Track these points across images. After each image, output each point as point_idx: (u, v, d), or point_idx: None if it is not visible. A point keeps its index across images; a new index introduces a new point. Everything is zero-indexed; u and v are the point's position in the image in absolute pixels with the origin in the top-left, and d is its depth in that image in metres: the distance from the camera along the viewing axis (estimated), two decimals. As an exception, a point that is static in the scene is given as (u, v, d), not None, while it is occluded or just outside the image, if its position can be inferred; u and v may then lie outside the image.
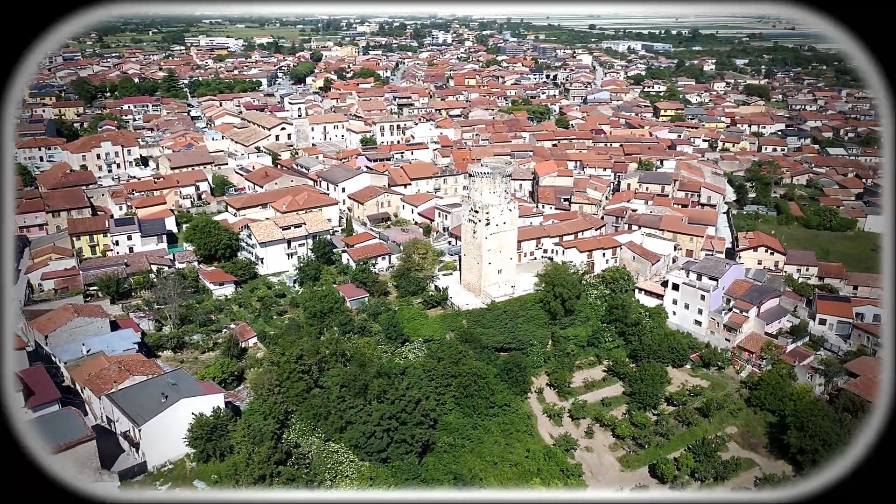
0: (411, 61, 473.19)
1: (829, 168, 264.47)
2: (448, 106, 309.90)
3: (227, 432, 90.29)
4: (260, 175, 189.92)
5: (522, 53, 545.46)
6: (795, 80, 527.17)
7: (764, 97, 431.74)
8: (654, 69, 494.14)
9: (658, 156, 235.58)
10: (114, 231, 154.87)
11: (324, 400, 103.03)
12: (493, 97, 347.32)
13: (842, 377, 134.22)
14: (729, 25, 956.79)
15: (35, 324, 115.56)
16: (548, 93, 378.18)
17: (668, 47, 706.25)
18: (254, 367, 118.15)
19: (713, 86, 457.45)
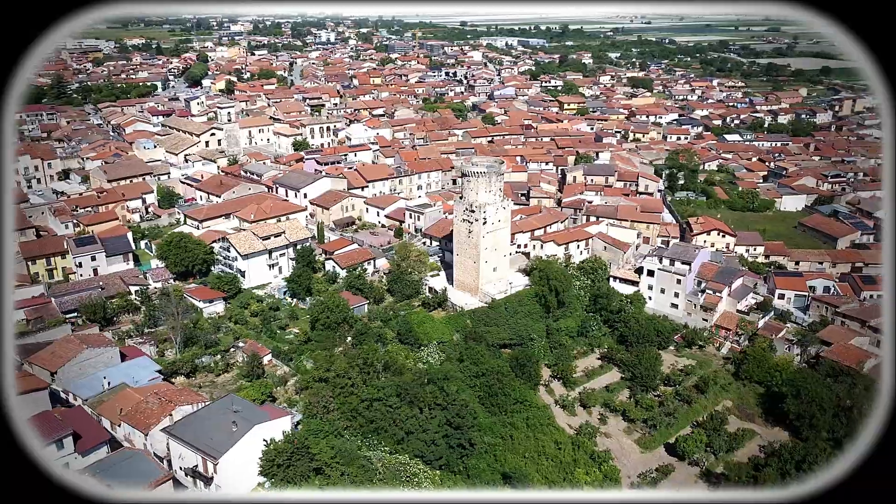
0: (303, 61, 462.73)
1: (733, 154, 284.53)
2: (365, 105, 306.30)
3: (313, 455, 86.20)
4: (214, 184, 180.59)
5: (413, 51, 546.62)
6: (668, 71, 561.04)
7: (647, 88, 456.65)
8: (543, 64, 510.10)
9: (587, 148, 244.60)
10: (75, 252, 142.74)
11: (382, 412, 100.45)
12: (404, 96, 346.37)
13: (815, 346, 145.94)
14: (591, 21, 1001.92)
15: (36, 359, 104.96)
16: (455, 90, 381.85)
17: (543, 42, 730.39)
18: (280, 386, 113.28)
19: (599, 79, 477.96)
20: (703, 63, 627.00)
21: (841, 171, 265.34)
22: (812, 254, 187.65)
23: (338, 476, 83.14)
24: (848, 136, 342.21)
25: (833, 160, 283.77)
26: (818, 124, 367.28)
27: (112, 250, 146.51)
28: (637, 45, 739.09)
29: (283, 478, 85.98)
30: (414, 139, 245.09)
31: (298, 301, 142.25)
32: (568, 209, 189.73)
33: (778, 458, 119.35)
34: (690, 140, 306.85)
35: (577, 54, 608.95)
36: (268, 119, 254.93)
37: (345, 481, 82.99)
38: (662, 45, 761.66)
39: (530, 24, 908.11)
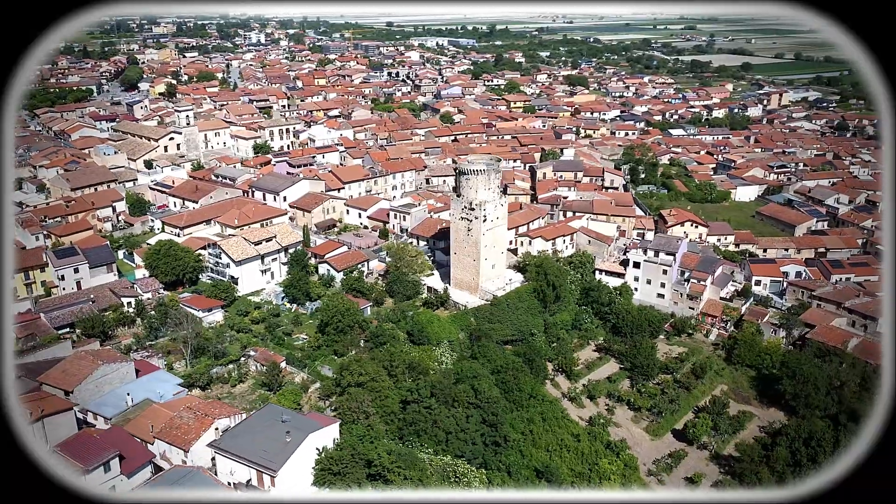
0: (239, 62, 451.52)
1: (681, 148, 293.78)
2: (317, 107, 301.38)
3: (370, 461, 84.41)
4: (188, 189, 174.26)
5: (349, 52, 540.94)
6: (599, 69, 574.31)
7: (584, 86, 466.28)
8: (480, 64, 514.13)
9: (551, 145, 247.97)
10: (57, 265, 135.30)
11: (422, 414, 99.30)
12: (351, 96, 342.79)
13: (799, 328, 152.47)
14: (515, 21, 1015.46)
15: (48, 379, 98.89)
16: (402, 90, 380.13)
17: (473, 42, 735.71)
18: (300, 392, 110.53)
19: (536, 77, 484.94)
20: (629, 61, 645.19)
21: (785, 162, 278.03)
22: (777, 241, 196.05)
23: (401, 480, 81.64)
24: (780, 128, 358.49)
25: (775, 152, 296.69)
26: (751, 118, 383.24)
27: (95, 261, 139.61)
28: (564, 44, 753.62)
29: (340, 486, 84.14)
30: (377, 139, 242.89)
31: (298, 306, 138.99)
32: (544, 205, 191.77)
33: (786, 436, 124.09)
34: (638, 136, 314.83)
35: (510, 53, 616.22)
36: (223, 122, 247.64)
37: (408, 485, 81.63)
38: (588, 43, 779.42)
39: (457, 25, 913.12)
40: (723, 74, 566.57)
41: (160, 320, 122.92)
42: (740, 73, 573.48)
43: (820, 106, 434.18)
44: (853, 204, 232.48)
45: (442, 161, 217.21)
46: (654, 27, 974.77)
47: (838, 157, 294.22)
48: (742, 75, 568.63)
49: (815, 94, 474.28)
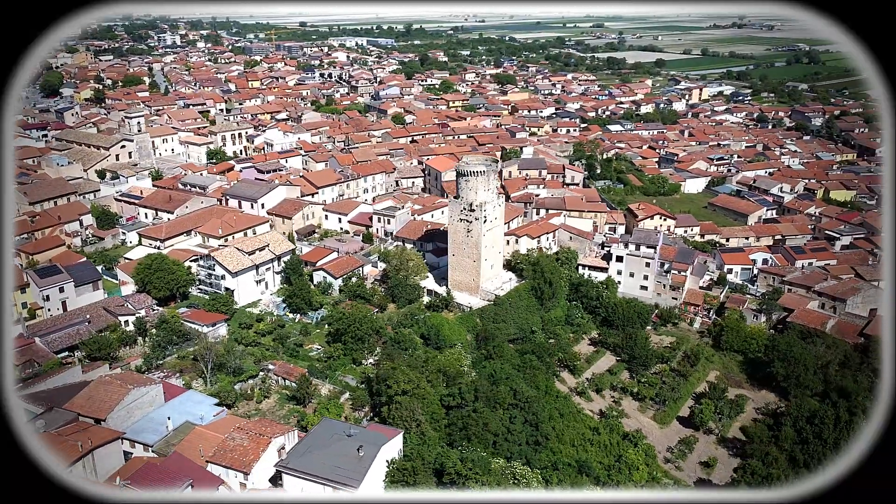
0: (161, 65, 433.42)
1: (624, 143, 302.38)
2: (262, 110, 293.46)
3: (443, 468, 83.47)
4: (161, 199, 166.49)
5: (273, 53, 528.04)
6: (521, 67, 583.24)
7: (513, 84, 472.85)
8: (408, 63, 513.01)
9: (505, 144, 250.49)
10: (41, 284, 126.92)
11: (472, 418, 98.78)
12: (291, 98, 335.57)
13: (778, 312, 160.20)
14: (428, 20, 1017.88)
15: (73, 408, 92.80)
16: (340, 91, 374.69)
17: (391, 42, 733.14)
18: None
19: (465, 76, 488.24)
20: (548, 59, 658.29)
21: (722, 155, 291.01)
22: (737, 230, 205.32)
23: (479, 487, 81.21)
24: (706, 121, 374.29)
25: (711, 145, 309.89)
26: (678, 112, 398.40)
27: (79, 280, 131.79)
28: (482, 43, 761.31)
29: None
30: (335, 142, 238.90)
31: (302, 316, 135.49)
32: (518, 204, 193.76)
33: (789, 416, 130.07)
34: (580, 132, 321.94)
35: (432, 52, 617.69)
36: (170, 129, 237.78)
37: (485, 490, 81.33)
38: (505, 42, 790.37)
39: (373, 25, 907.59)
40: (639, 71, 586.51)
41: (167, 338, 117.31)
42: (655, 70, 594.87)
43: (736, 99, 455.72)
44: (795, 192, 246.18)
45: (408, 162, 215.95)
46: (564, 25, 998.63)
47: (768, 148, 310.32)
48: (657, 71, 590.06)
49: (729, 88, 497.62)
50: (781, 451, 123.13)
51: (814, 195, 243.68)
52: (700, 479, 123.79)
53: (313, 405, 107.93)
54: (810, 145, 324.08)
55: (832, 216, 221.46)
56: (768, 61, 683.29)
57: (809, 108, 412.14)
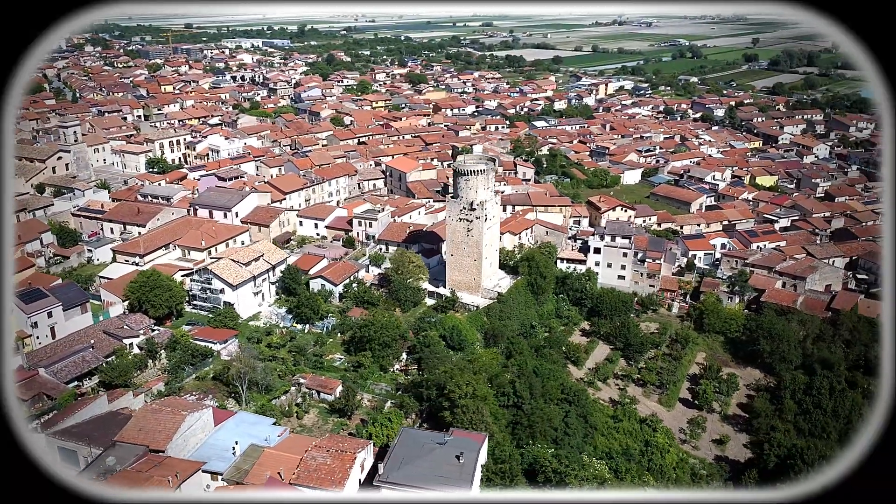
0: (55, 71, 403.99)
1: (556, 138, 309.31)
2: (188, 115, 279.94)
3: (538, 468, 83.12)
4: (128, 213, 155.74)
5: (174, 56, 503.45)
6: (426, 66, 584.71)
7: (424, 83, 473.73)
8: (317, 64, 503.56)
9: (451, 142, 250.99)
10: (28, 310, 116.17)
11: (538, 416, 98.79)
12: (210, 102, 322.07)
13: (749, 293, 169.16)
14: (318, 21, 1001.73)
15: (123, 439, 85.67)
16: (260, 94, 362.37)
17: (287, 43, 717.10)
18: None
19: (375, 76, 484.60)
20: (448, 57, 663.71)
21: (649, 147, 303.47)
22: (690, 218, 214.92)
23: (578, 483, 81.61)
24: (619, 115, 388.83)
25: (634, 137, 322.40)
26: (591, 107, 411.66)
27: (67, 303, 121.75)
28: (379, 43, 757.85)
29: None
30: (281, 146, 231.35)
31: (311, 326, 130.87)
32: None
33: (787, 389, 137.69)
34: (510, 129, 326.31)
35: (333, 53, 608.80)
36: (102, 138, 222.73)
37: (584, 486, 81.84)
38: (402, 41, 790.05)
39: (262, 26, 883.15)
40: (540, 68, 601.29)
41: (184, 359, 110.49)
42: (554, 67, 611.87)
43: (639, 93, 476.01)
44: (724, 180, 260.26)
45: (364, 164, 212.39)
46: (454, 24, 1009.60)
47: (685, 139, 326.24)
48: (556, 68, 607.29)
49: (629, 83, 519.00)
50: (785, 423, 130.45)
51: (743, 182, 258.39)
52: (717, 456, 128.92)
53: (357, 416, 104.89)
54: (721, 135, 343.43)
55: (766, 200, 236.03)
56: (656, 56, 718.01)
57: (707, 100, 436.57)
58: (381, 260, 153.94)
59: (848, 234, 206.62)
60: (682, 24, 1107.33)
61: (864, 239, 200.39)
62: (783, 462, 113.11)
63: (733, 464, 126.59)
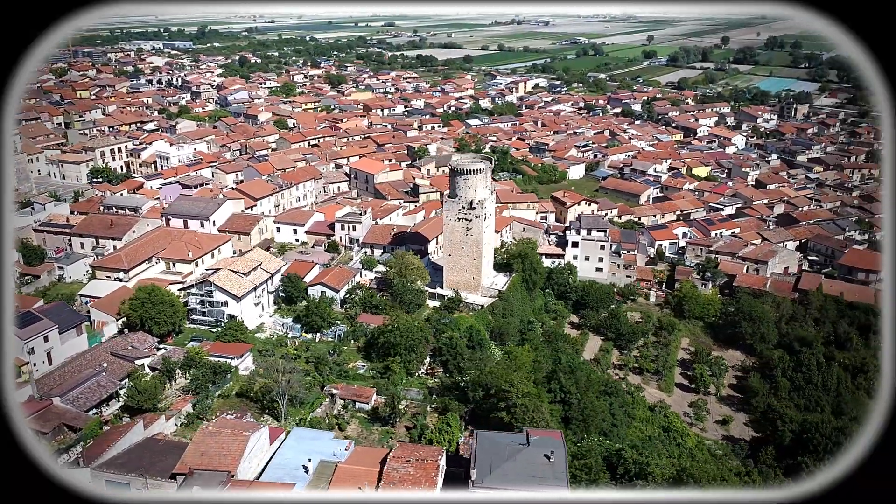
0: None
1: (494, 136, 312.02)
2: (116, 121, 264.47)
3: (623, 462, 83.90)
4: (101, 225, 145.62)
5: (75, 60, 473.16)
6: (339, 67, 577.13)
7: (343, 83, 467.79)
8: (230, 66, 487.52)
9: (404, 142, 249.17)
10: (24, 335, 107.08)
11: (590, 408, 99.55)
12: (136, 108, 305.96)
13: (720, 279, 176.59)
14: (217, 21, 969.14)
15: (184, 467, 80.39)
16: (186, 98, 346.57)
17: (189, 45, 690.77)
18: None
19: (293, 78, 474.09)
20: (359, 58, 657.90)
21: (586, 142, 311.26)
22: (646, 209, 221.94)
23: (658, 471, 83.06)
24: (544, 112, 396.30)
25: (568, 133, 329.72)
26: (515, 104, 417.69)
27: (65, 324, 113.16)
28: (285, 44, 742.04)
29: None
30: (231, 151, 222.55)
31: (323, 335, 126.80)
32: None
33: (776, 368, 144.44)
34: (448, 128, 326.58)
35: (242, 54, 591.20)
36: (35, 147, 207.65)
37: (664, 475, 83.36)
38: (307, 42, 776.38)
39: (158, 27, 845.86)
40: (452, 67, 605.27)
41: (207, 377, 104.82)
42: (466, 66, 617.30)
43: (555, 90, 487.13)
44: (662, 172, 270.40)
45: (326, 167, 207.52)
46: (356, 24, 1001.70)
47: (615, 134, 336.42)
48: (469, 67, 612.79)
49: (542, 80, 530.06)
50: (780, 400, 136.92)
51: (682, 173, 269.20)
52: (724, 436, 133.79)
53: (401, 424, 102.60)
54: (646, 129, 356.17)
55: (708, 190, 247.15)
56: (560, 54, 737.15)
57: (621, 95, 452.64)
58: (373, 264, 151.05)
59: (791, 219, 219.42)
60: (577, 23, 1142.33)
61: (808, 223, 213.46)
62: (798, 437, 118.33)
63: (741, 442, 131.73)
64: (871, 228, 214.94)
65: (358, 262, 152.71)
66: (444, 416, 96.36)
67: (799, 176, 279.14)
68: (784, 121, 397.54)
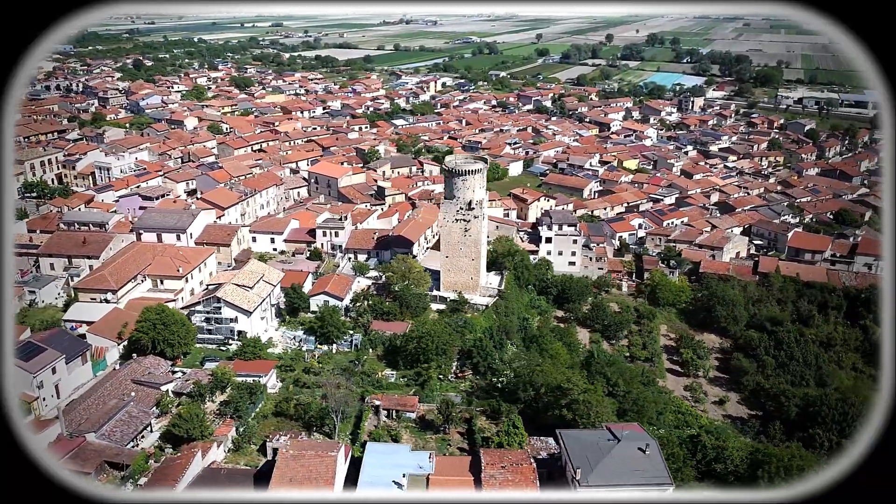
0: None
1: (426, 136, 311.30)
2: (33, 130, 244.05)
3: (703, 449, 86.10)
4: (73, 244, 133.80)
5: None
6: (239, 69, 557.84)
7: (250, 85, 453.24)
8: (126, 70, 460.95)
9: (347, 144, 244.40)
10: (33, 369, 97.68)
11: (645, 396, 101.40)
12: (40, 117, 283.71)
13: (686, 266, 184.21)
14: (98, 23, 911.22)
15: (277, 492, 76.01)
16: (94, 105, 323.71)
17: (69, 48, 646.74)
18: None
19: (196, 81, 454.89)
20: (256, 59, 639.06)
21: (516, 139, 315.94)
22: (598, 203, 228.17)
23: (736, 454, 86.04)
24: (462, 111, 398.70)
25: (495, 131, 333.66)
26: (431, 104, 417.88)
27: (72, 354, 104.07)
28: (175, 46, 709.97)
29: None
30: (173, 158, 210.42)
31: (338, 346, 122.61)
32: (423, 201, 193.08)
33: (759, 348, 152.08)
34: (377, 129, 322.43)
35: (134, 56, 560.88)
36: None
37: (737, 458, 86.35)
38: (196, 43, 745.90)
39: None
40: (355, 67, 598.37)
41: (244, 399, 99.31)
42: (369, 66, 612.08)
43: (464, 89, 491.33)
44: (597, 166, 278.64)
45: (281, 172, 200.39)
46: (242, 25, 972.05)
47: (536, 131, 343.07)
48: (371, 67, 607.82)
49: (448, 80, 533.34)
50: (767, 378, 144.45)
51: (615, 166, 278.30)
52: (723, 415, 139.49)
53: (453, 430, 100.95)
54: (564, 124, 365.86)
55: (645, 182, 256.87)
56: (457, 53, 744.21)
57: (527, 92, 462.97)
58: (365, 269, 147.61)
59: (728, 207, 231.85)
60: (464, 23, 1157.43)
61: (745, 209, 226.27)
62: (804, 412, 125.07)
63: (741, 420, 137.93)
64: (802, 212, 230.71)
65: (349, 268, 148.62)
66: (508, 418, 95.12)
67: (719, 166, 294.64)
68: (685, 114, 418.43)
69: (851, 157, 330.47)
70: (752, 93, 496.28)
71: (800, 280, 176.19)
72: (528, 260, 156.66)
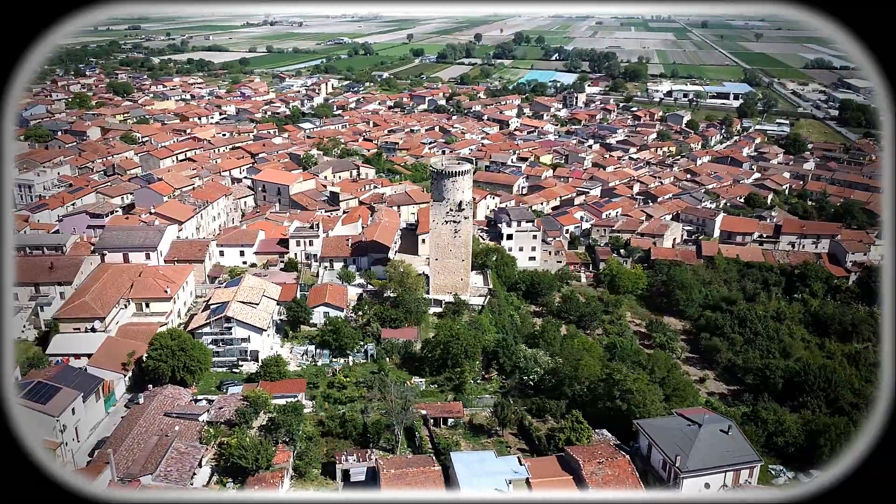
0: None
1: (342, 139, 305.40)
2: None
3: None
4: (39, 269, 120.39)
5: None
6: (109, 74, 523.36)
7: (129, 91, 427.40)
8: None
9: (276, 150, 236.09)
10: (54, 411, 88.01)
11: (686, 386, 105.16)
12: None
13: (637, 254, 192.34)
14: None
15: None
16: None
17: None
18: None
19: (70, 88, 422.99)
20: (125, 64, 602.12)
21: (432, 139, 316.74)
22: (535, 198, 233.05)
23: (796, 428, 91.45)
24: (363, 112, 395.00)
25: (406, 131, 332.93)
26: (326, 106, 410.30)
27: (86, 390, 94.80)
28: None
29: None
30: (105, 172, 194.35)
31: (353, 357, 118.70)
32: (378, 204, 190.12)
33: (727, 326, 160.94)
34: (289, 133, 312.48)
35: None
36: None
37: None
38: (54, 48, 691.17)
39: None
40: (233, 70, 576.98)
41: (293, 423, 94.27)
42: (248, 70, 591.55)
43: (355, 90, 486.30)
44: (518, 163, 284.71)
45: (220, 181, 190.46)
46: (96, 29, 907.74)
47: (446, 131, 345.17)
48: (250, 71, 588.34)
49: (333, 81, 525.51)
50: (737, 354, 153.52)
51: (534, 163, 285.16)
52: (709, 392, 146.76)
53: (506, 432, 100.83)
54: (468, 123, 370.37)
55: (568, 176, 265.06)
56: (333, 54, 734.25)
57: (419, 92, 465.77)
58: (351, 277, 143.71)
59: (651, 196, 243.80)
60: (329, 24, 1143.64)
61: (667, 197, 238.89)
62: (789, 382, 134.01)
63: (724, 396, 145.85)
64: (718, 198, 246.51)
65: (328, 277, 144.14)
66: (570, 414, 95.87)
67: (624, 158, 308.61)
68: (572, 109, 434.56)
69: (734, 144, 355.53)
70: (626, 87, 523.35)
71: (741, 261, 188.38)
72: (507, 257, 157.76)
